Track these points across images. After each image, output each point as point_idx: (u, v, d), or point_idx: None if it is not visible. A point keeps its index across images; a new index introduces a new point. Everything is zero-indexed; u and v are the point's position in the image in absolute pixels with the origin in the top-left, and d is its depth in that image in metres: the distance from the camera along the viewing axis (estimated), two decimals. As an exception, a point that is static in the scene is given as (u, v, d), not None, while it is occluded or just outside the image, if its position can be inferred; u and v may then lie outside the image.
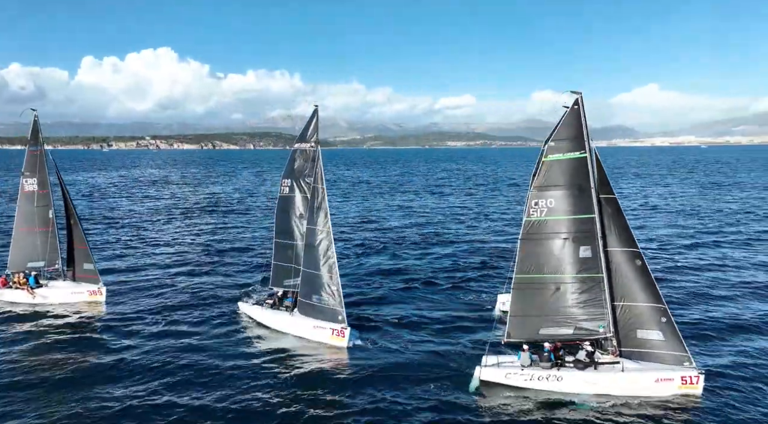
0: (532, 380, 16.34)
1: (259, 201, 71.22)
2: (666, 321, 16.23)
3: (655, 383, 15.98)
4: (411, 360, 19.21)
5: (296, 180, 22.75)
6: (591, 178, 16.47)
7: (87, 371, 18.36)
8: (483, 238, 43.15)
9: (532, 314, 17.02)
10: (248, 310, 23.80)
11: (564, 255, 16.75)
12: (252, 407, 15.87)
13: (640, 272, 16.41)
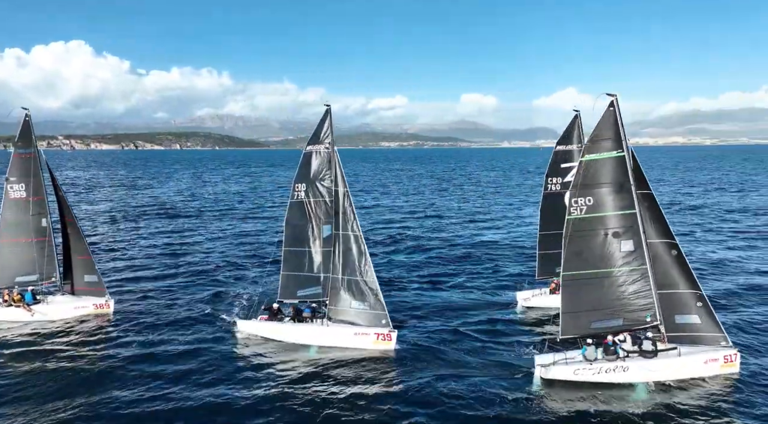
0: (600, 374, 16.92)
1: (223, 205, 68.50)
2: (702, 305, 17.57)
3: (704, 364, 17.24)
4: (460, 362, 19.26)
5: (312, 184, 21.53)
6: (628, 176, 17.50)
7: (98, 399, 16.42)
8: (472, 236, 44.21)
9: (582, 309, 17.69)
10: (255, 328, 21.50)
11: (608, 250, 17.66)
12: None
13: (677, 261, 17.68)
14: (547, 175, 26.33)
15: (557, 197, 25.95)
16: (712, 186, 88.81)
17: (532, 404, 16.11)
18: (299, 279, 21.79)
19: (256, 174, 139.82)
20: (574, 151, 26.04)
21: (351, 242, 20.87)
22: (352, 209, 20.88)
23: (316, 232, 21.54)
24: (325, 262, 21.41)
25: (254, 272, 31.59)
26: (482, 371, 18.47)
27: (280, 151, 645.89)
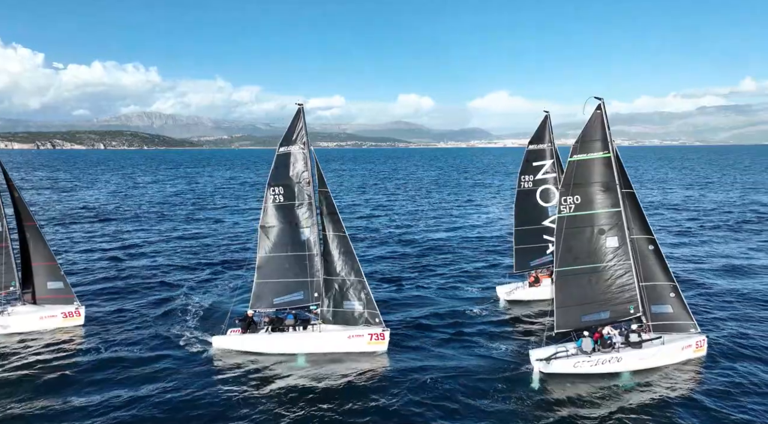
0: (597, 365, 17.70)
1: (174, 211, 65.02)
2: (675, 296, 18.94)
3: (681, 350, 18.60)
4: (454, 359, 19.49)
5: (289, 186, 20.71)
6: (613, 176, 18.50)
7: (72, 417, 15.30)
8: (440, 234, 44.86)
9: (573, 303, 18.46)
10: (236, 342, 20.11)
11: (596, 246, 18.55)
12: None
13: (655, 255, 18.93)
14: (520, 174, 27.38)
15: (530, 194, 27.18)
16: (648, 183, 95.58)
17: (534, 398, 16.56)
18: (277, 286, 20.77)
19: (192, 175, 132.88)
20: (545, 150, 27.31)
21: (338, 242, 20.62)
22: (336, 210, 20.57)
23: (297, 235, 20.72)
24: (308, 266, 20.68)
25: (221, 278, 30.39)
26: (478, 367, 18.77)
27: (215, 151, 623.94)
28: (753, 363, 18.91)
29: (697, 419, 15.43)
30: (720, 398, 16.53)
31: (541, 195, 27.10)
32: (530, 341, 20.88)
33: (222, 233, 45.73)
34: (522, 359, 19.06)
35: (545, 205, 27.09)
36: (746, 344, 20.46)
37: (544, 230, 27.04)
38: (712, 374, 18.05)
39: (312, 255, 20.65)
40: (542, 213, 27.14)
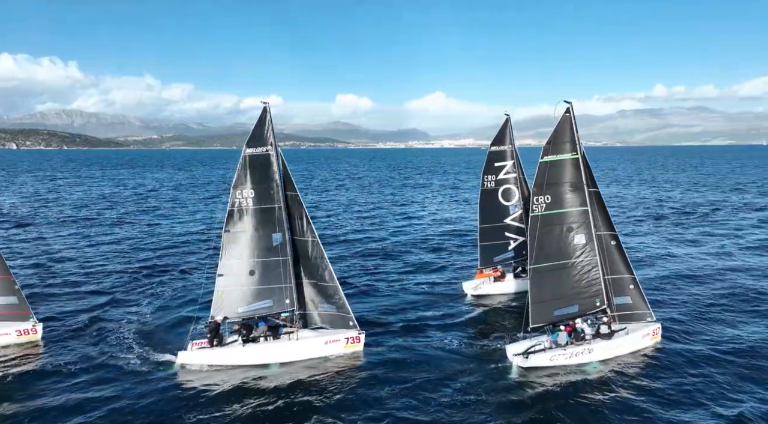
0: (572, 357, 18.60)
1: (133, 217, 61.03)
2: (634, 287, 20.36)
3: (643, 338, 19.97)
4: (429, 358, 19.69)
5: (257, 190, 19.88)
6: (581, 176, 19.53)
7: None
8: (391, 235, 45.12)
9: (546, 298, 19.30)
10: (205, 357, 18.97)
11: (565, 243, 19.50)
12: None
13: (618, 250, 20.24)
14: (483, 174, 28.34)
15: (492, 193, 28.27)
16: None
17: (515, 391, 17.14)
18: (242, 294, 19.90)
19: (122, 177, 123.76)
20: (506, 151, 28.43)
21: (309, 246, 20.26)
22: (306, 213, 20.26)
23: (265, 240, 19.90)
24: (278, 272, 20.00)
25: (178, 287, 28.84)
26: (455, 365, 19.14)
27: (144, 151, 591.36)
28: (699, 344, 20.66)
29: (655, 397, 16.66)
30: (673, 378, 17.91)
31: (503, 194, 28.25)
32: (503, 336, 21.56)
33: (173, 238, 43.58)
34: (498, 354, 19.68)
35: (506, 203, 28.29)
36: (693, 329, 22.31)
37: (506, 227, 28.24)
38: (663, 356, 19.56)
39: (282, 260, 19.99)
40: (504, 211, 28.30)
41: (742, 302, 26.10)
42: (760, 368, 18.67)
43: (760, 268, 32.49)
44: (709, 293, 27.44)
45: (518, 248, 28.09)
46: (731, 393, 16.94)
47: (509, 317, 24.34)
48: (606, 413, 15.80)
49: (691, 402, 16.45)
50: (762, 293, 27.42)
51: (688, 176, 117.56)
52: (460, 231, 47.18)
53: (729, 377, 17.98)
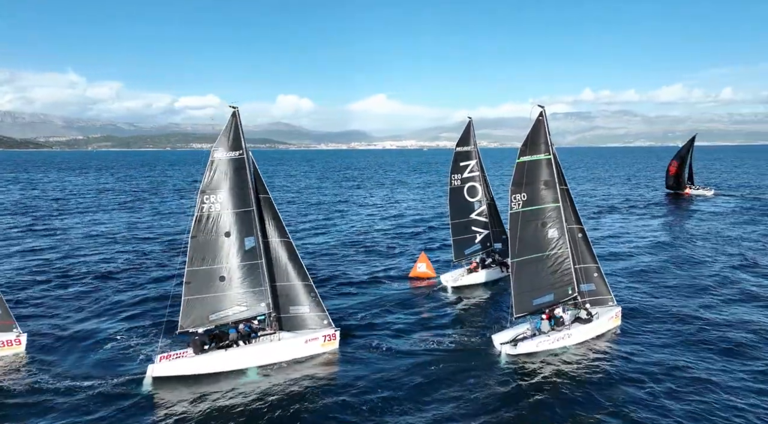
0: (554, 342, 20.08)
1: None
2: (598, 275, 22.30)
3: (608, 321, 21.89)
4: (413, 352, 20.27)
5: (227, 194, 19.43)
6: (553, 175, 21.09)
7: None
8: (371, 231, 45.72)
9: (526, 289, 20.71)
10: (183, 367, 18.30)
11: (540, 237, 21.00)
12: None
13: (584, 241, 22.07)
14: (450, 173, 30.01)
15: (459, 191, 30.06)
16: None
17: (505, 378, 18.17)
18: (213, 301, 19.38)
19: (41, 181, 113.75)
20: (471, 151, 30.14)
21: (283, 249, 20.47)
22: (279, 216, 20.49)
23: (238, 245, 19.57)
24: (252, 275, 19.83)
25: (143, 297, 27.67)
26: (442, 355, 19.95)
27: (67, 152, 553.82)
28: (655, 323, 23.09)
29: (625, 370, 18.65)
30: (636, 354, 19.98)
31: (468, 191, 30.13)
32: (484, 325, 22.87)
33: (137, 245, 41.88)
34: (482, 343, 20.88)
35: (471, 200, 30.23)
36: (649, 310, 24.75)
37: (473, 222, 30.22)
38: (624, 337, 21.74)
39: (256, 264, 19.82)
40: (470, 207, 30.21)
41: (684, 280, 29.79)
42: (707, 333, 21.60)
43: (690, 247, 36.52)
44: (656, 276, 30.85)
45: (483, 240, 30.28)
46: (683, 358, 19.50)
47: (485, 307, 25.90)
48: (591, 389, 17.40)
49: (653, 370, 18.62)
50: (695, 269, 31.65)
51: (626, 172, 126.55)
52: (433, 227, 49.05)
53: (680, 345, 20.71)
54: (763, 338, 21.30)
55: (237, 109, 19.32)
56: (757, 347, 20.45)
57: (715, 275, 30.86)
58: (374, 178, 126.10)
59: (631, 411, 15.98)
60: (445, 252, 38.08)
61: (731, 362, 19.10)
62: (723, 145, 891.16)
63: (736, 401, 16.46)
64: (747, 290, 27.71)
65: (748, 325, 22.70)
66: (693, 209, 59.07)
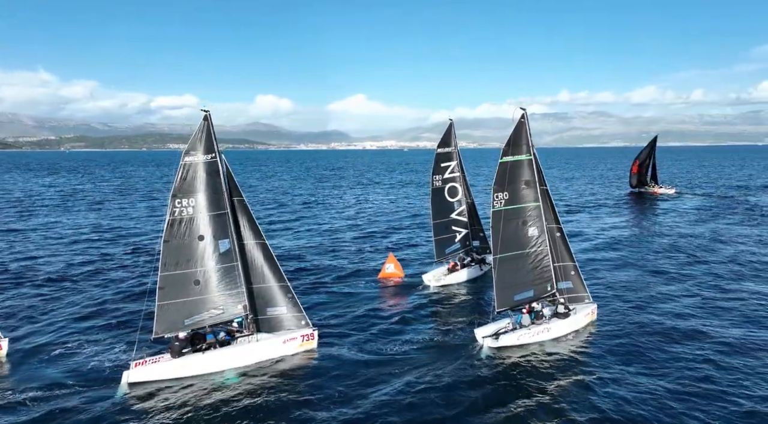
0: (534, 335, 20.64)
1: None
2: (575, 273, 22.95)
3: (585, 317, 22.54)
4: (397, 350, 20.48)
5: (201, 198, 19.19)
6: (534, 175, 21.60)
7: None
8: (340, 232, 45.64)
9: (508, 285, 21.24)
10: (161, 372, 18.12)
11: (521, 235, 21.51)
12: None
13: (562, 240, 22.65)
14: (432, 174, 30.44)
15: (440, 191, 30.56)
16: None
17: (483, 370, 18.62)
18: (187, 306, 19.12)
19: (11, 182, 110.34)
20: (451, 153, 30.65)
21: (259, 250, 20.34)
22: (254, 218, 20.46)
23: (212, 248, 19.37)
24: (228, 278, 19.69)
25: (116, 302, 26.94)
26: (422, 352, 20.19)
27: (38, 153, 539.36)
28: (627, 316, 24.02)
29: (600, 364, 19.27)
30: (611, 347, 20.70)
31: (449, 192, 30.63)
32: (466, 321, 23.29)
33: (109, 249, 41.04)
34: (464, 338, 21.26)
35: (452, 200, 30.73)
36: (623, 307, 25.47)
37: (454, 221, 30.73)
38: (601, 330, 22.48)
39: (231, 266, 19.70)
40: (450, 207, 30.70)
41: (653, 276, 31.15)
42: (678, 329, 22.36)
43: (660, 243, 37.82)
44: (627, 273, 31.92)
45: (463, 239, 30.92)
46: (654, 352, 20.19)
47: (465, 304, 26.31)
48: (566, 381, 17.95)
49: (626, 363, 19.34)
50: (660, 265, 32.99)
51: (599, 172, 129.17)
52: (402, 227, 49.33)
53: (653, 340, 21.29)
54: (727, 324, 22.65)
55: (209, 112, 19.04)
56: (719, 333, 21.65)
57: (680, 270, 32.24)
58: (349, 178, 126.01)
59: (605, 403, 16.51)
60: (415, 251, 38.93)
61: (703, 356, 19.87)
62: (693, 146, 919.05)
63: (708, 389, 17.26)
64: (708, 282, 29.52)
65: (713, 315, 24.02)
66: (655, 207, 61.26)
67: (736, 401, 16.48)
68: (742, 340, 21.05)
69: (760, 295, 26.90)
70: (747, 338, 21.30)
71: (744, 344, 20.70)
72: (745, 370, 18.48)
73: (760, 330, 22.15)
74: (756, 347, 20.38)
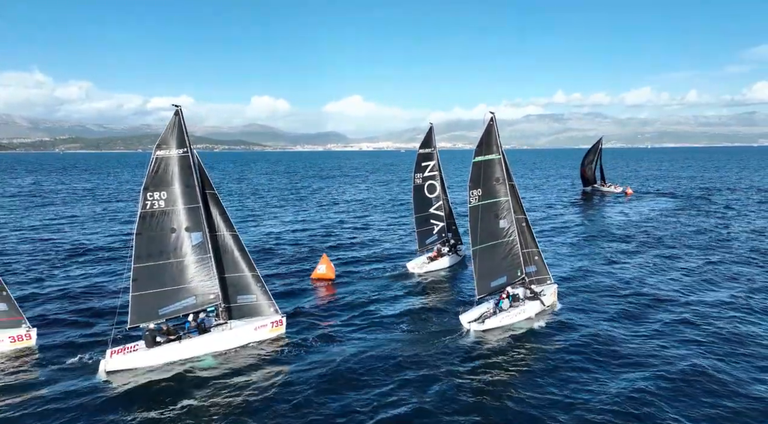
0: (513, 317, 22.62)
1: None
2: (539, 258, 24.88)
3: (550, 296, 24.58)
4: (388, 338, 21.56)
5: (173, 191, 19.61)
6: (503, 172, 23.22)
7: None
8: (335, 224, 46.95)
9: (486, 273, 22.96)
10: (135, 360, 18.54)
11: (494, 227, 23.23)
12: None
13: (528, 229, 24.50)
14: (414, 172, 33.19)
15: (420, 188, 33.42)
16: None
17: (473, 352, 19.96)
18: (161, 296, 19.60)
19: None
20: (432, 153, 33.42)
21: (230, 242, 21.04)
22: (225, 210, 21.20)
23: (185, 240, 19.90)
24: (200, 268, 20.31)
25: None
26: (413, 336, 21.48)
27: (32, 154, 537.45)
28: (582, 294, 26.82)
29: (564, 334, 21.63)
30: (574, 322, 22.92)
31: (428, 188, 33.49)
32: (448, 308, 25.05)
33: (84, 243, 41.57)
34: (451, 324, 22.74)
35: (430, 196, 33.61)
36: (576, 285, 28.20)
37: (432, 215, 33.69)
38: (564, 309, 24.69)
39: (203, 257, 20.35)
40: (429, 203, 33.64)
41: (598, 256, 35.49)
42: (635, 304, 25.20)
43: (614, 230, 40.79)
44: (576, 255, 35.73)
45: (440, 231, 34.04)
46: (610, 324, 22.73)
47: (447, 292, 28.22)
48: (546, 354, 19.94)
49: (587, 329, 22.00)
50: (607, 249, 36.05)
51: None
52: (394, 218, 51.19)
53: (611, 314, 24.03)
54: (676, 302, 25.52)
55: (179, 107, 19.61)
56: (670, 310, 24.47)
57: (619, 252, 36.81)
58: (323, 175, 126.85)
59: (576, 361, 19.06)
60: (398, 242, 40.47)
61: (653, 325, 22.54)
62: (688, 147, 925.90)
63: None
64: (655, 264, 33.16)
65: (660, 290, 27.38)
66: (603, 203, 66.13)
67: (682, 354, 19.27)
68: (677, 293, 26.27)
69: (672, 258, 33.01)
70: (680, 296, 26.13)
71: (681, 300, 25.44)
72: (683, 325, 22.19)
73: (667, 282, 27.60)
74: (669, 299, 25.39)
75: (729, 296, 25.94)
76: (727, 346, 19.98)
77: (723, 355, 19.20)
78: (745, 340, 20.47)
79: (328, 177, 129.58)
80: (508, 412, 15.67)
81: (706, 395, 16.39)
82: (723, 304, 24.69)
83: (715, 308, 24.07)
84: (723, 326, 21.81)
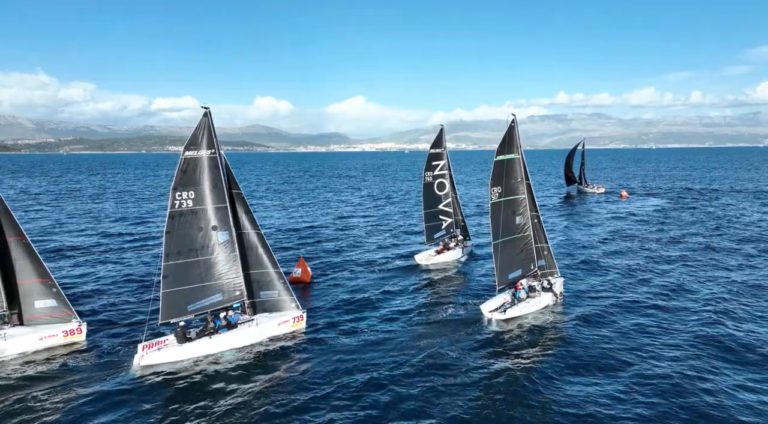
0: (531, 306, 23.59)
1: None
2: (548, 252, 25.60)
3: (559, 287, 25.49)
4: (411, 328, 22.27)
5: (201, 191, 20.12)
6: (521, 171, 23.98)
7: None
8: (342, 224, 47.58)
9: (504, 266, 23.80)
10: (170, 355, 19.18)
11: (511, 223, 24.00)
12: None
13: (539, 225, 25.16)
14: (424, 170, 34.68)
15: (431, 186, 34.92)
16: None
17: (496, 341, 20.67)
18: (189, 293, 20.17)
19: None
20: (442, 153, 34.92)
21: (255, 239, 21.69)
22: (250, 209, 21.66)
23: (213, 238, 20.46)
24: (226, 266, 20.93)
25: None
26: (432, 329, 22.03)
27: (37, 155, 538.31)
28: (582, 284, 28.34)
29: (574, 320, 23.03)
30: (581, 307, 24.51)
31: (437, 186, 35.00)
32: (466, 298, 26.05)
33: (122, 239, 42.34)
34: (472, 313, 23.60)
35: (440, 193, 35.09)
36: (578, 276, 29.78)
37: (441, 212, 35.13)
38: (572, 299, 25.91)
39: (230, 255, 20.91)
40: (438, 199, 35.06)
41: (605, 252, 36.86)
42: (624, 288, 27.15)
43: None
44: (582, 251, 37.18)
45: (448, 226, 35.40)
46: (612, 313, 23.96)
47: (460, 284, 29.26)
48: (560, 333, 21.48)
49: (591, 318, 23.30)
50: (597, 247, 37.41)
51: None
52: (401, 214, 52.47)
53: (611, 301, 25.60)
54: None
55: (209, 109, 20.00)
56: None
57: (613, 249, 37.94)
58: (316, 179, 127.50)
59: (587, 342, 20.59)
60: (409, 236, 41.71)
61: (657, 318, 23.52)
62: (693, 147, 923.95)
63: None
64: (647, 256, 35.20)
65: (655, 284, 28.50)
66: (585, 204, 67.42)
67: (677, 348, 20.03)
68: (674, 285, 27.81)
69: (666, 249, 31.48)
70: (677, 285, 27.87)
71: (679, 289, 27.20)
72: (678, 312, 23.60)
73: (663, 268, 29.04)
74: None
75: (716, 294, 26.13)
76: (729, 344, 20.16)
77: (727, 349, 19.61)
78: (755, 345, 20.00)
79: (346, 176, 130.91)
80: (550, 404, 15.91)
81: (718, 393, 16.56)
82: (707, 301, 24.92)
83: (697, 305, 24.55)
84: (723, 327, 21.70)
